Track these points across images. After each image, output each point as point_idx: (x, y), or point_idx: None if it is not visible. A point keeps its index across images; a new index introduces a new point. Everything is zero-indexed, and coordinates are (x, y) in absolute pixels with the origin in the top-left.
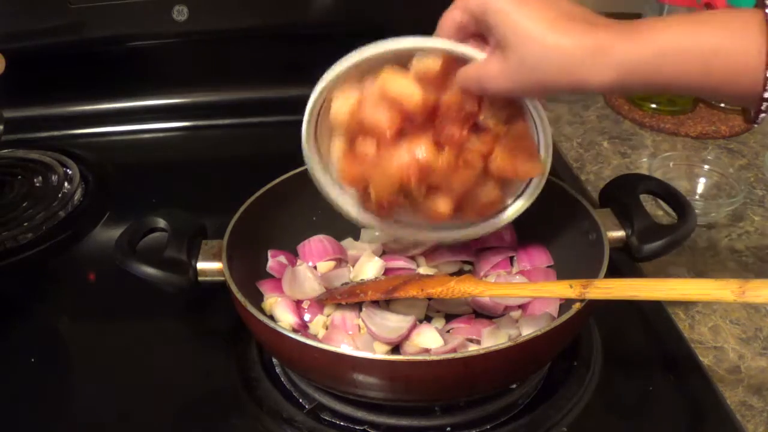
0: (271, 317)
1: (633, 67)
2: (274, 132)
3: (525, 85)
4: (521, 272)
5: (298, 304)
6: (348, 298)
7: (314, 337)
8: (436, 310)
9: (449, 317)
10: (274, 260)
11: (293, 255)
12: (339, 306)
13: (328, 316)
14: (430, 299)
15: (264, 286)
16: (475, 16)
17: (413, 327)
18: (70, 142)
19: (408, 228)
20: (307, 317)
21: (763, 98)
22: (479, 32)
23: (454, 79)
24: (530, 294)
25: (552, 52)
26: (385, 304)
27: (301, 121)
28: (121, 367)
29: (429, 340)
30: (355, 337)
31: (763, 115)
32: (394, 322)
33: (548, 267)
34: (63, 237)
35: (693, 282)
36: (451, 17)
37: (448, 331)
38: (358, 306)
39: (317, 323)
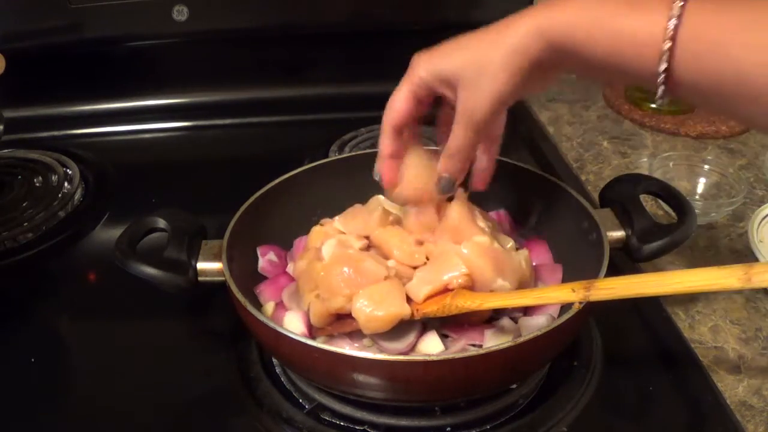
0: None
1: (545, 26)
2: (274, 132)
3: (491, 84)
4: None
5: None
6: (340, 328)
7: None
8: None
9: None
10: (265, 260)
11: (282, 249)
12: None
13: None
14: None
15: (261, 292)
16: (429, 83)
17: (420, 333)
18: (70, 142)
19: None
20: None
21: (660, 75)
22: (432, 98)
23: None
24: (532, 302)
25: (487, 51)
26: None
27: (300, 121)
28: (121, 366)
29: (432, 347)
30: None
31: (661, 93)
32: (401, 331)
33: (554, 263)
34: (63, 237)
35: (697, 272)
36: (405, 99)
37: (446, 336)
38: None
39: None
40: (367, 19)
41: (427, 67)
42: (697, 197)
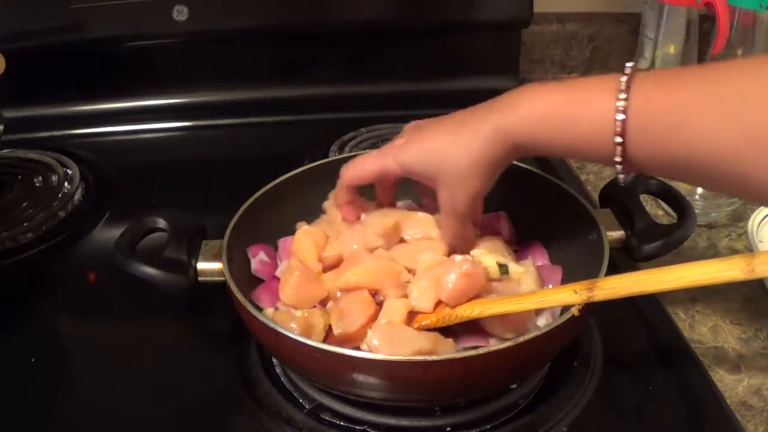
0: None
1: (507, 129)
2: (274, 132)
3: (466, 183)
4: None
5: None
6: (342, 343)
7: None
8: None
9: None
10: (256, 260)
11: (273, 248)
12: None
13: None
14: None
15: (259, 298)
16: (399, 173)
17: None
18: (70, 142)
19: None
20: None
21: (616, 162)
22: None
23: None
24: (533, 306)
25: (460, 153)
26: None
27: (300, 121)
28: (121, 367)
29: None
30: None
31: (621, 176)
32: None
33: (554, 264)
34: (63, 237)
35: (699, 266)
36: (372, 171)
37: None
38: None
39: None
40: (367, 19)
41: (401, 161)
42: (697, 197)
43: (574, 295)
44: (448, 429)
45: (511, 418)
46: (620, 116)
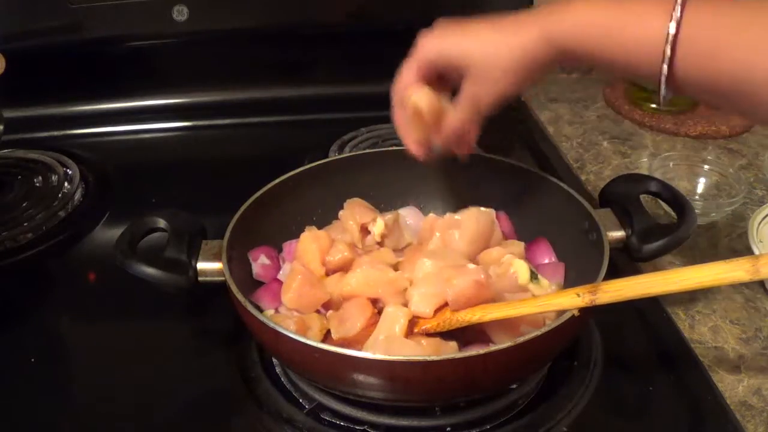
0: None
1: (555, 33)
2: (274, 132)
3: (500, 81)
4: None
5: None
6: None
7: None
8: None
9: None
10: (257, 264)
11: (273, 249)
12: None
13: None
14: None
15: (260, 299)
16: (435, 63)
17: None
18: (70, 142)
19: None
20: None
21: (661, 81)
22: (437, 75)
23: None
24: (536, 310)
25: (499, 49)
26: None
27: (300, 121)
28: (121, 367)
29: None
30: None
31: (663, 93)
32: None
33: (557, 261)
34: (63, 237)
35: (703, 268)
36: (412, 72)
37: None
38: None
39: None
40: (367, 19)
41: (436, 48)
42: (697, 197)
43: (576, 298)
44: (448, 429)
45: (511, 418)
46: (671, 40)
